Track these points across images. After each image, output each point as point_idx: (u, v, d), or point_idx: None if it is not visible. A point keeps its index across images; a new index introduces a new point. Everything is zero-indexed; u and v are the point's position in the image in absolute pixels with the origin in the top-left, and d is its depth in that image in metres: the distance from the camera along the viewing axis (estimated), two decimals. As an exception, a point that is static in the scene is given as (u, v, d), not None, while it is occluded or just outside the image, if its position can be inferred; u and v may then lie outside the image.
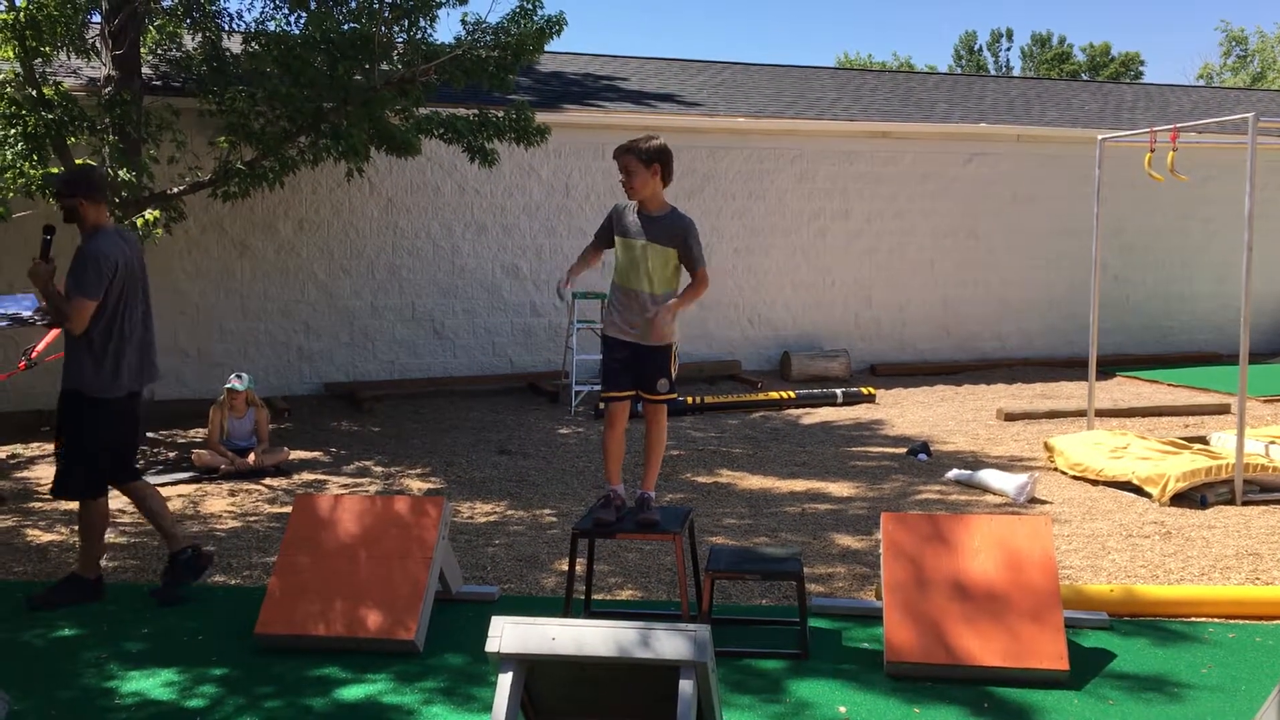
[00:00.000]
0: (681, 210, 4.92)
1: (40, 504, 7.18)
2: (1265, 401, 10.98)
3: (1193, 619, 4.97)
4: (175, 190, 9.06)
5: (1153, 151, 8.51)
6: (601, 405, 5.25)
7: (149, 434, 9.24)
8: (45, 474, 7.88)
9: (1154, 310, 14.64)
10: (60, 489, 5.25)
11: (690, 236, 4.82)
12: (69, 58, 9.78)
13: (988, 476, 7.46)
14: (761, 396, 11.01)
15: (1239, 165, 7.79)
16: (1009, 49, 50.40)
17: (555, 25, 9.03)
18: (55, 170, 8.43)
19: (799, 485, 7.68)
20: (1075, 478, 7.74)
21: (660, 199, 4.88)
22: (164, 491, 7.54)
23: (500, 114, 9.52)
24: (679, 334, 4.97)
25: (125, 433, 5.33)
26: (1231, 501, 7.02)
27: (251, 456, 8.00)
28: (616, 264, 4.92)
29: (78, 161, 8.46)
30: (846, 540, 6.29)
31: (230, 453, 8.06)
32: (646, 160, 4.77)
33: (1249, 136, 7.37)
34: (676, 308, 4.77)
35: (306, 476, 8.01)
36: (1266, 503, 7.02)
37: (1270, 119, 10.87)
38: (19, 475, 8.06)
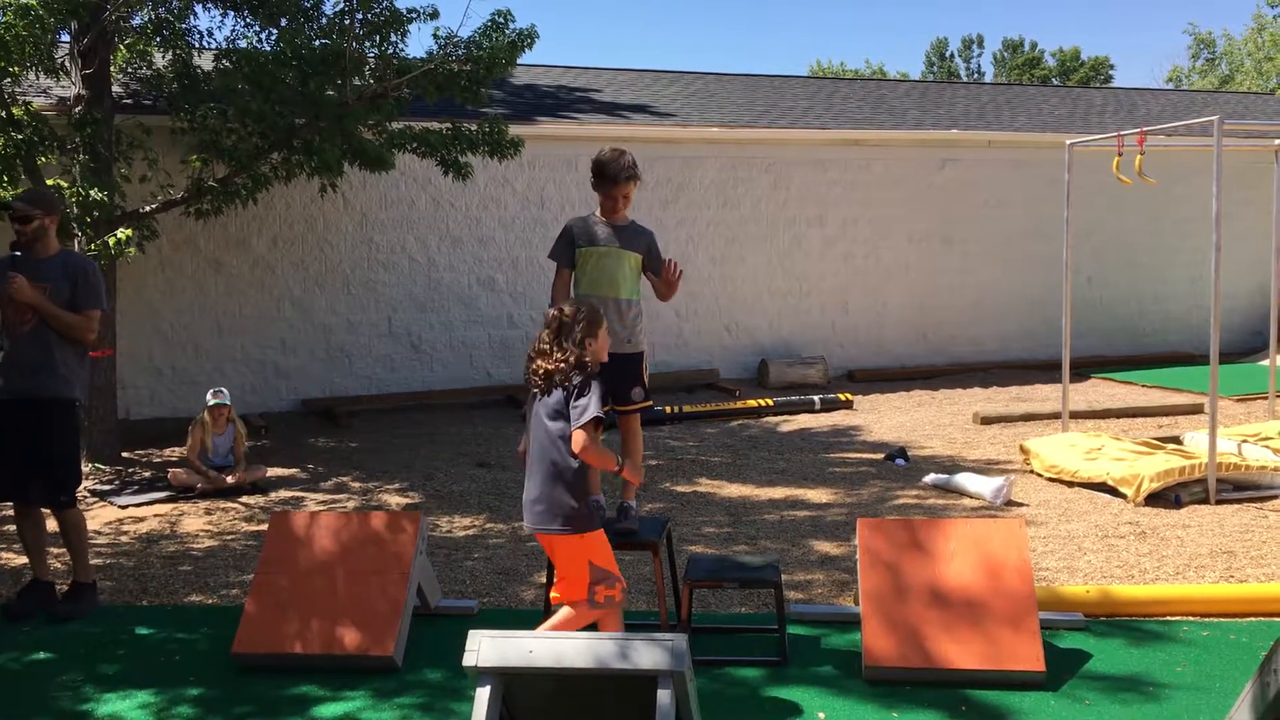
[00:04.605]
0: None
1: (10, 526, 7.10)
2: (1237, 400, 11.08)
3: (1168, 618, 5.02)
4: (148, 209, 9.02)
5: (1120, 155, 8.59)
6: None
7: (124, 454, 9.18)
8: None
9: (1127, 312, 14.75)
10: (70, 496, 5.39)
11: (654, 242, 5.00)
12: (38, 77, 9.72)
13: (965, 480, 7.50)
14: (739, 404, 11.03)
15: (1207, 167, 7.88)
16: (980, 54, 50.83)
17: (527, 39, 9.04)
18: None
19: (777, 493, 7.70)
20: (1051, 480, 7.79)
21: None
22: (140, 511, 7.51)
23: (474, 127, 9.52)
24: (647, 341, 5.02)
25: None
26: (1205, 500, 7.07)
27: (234, 477, 7.91)
28: (583, 276, 4.92)
29: (49, 181, 8.43)
30: (825, 546, 6.31)
31: (209, 471, 7.98)
32: (639, 178, 4.96)
33: (1215, 139, 7.46)
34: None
35: (284, 494, 7.97)
36: (1240, 501, 7.09)
37: (1236, 121, 10.97)
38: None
